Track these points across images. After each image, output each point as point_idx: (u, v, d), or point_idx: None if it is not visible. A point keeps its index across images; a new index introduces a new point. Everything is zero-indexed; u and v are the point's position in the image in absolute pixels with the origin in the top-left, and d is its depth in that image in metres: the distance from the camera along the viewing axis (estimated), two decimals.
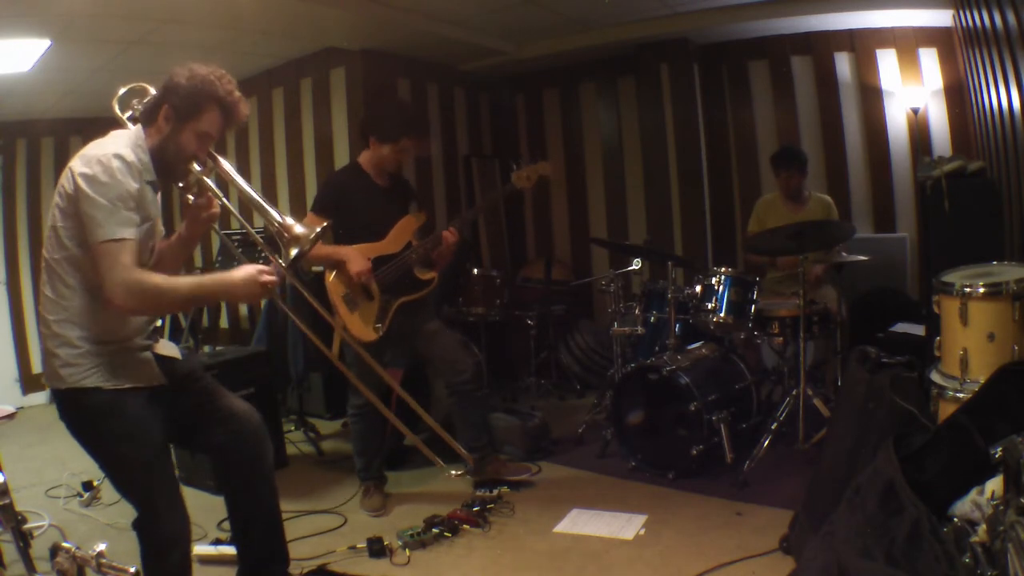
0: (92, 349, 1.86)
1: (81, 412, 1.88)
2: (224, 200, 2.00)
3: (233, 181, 1.97)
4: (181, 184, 1.99)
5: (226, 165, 2.00)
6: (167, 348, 2.10)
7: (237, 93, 1.93)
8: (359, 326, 3.13)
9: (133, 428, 1.88)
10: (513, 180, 3.36)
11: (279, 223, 1.91)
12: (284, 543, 2.26)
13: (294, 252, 1.89)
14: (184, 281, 1.88)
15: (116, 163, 1.75)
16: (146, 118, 1.92)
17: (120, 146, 1.81)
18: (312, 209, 3.21)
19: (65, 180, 1.79)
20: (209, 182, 1.96)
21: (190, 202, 1.99)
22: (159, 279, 1.81)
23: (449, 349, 3.30)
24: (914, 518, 1.60)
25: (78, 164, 1.77)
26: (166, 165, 1.92)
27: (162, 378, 1.98)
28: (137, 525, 1.92)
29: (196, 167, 1.93)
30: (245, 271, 1.89)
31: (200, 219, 2.02)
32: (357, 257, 3.09)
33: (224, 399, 2.13)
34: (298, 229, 1.91)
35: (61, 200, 1.80)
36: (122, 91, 1.98)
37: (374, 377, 3.28)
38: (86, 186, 1.73)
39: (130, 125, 1.95)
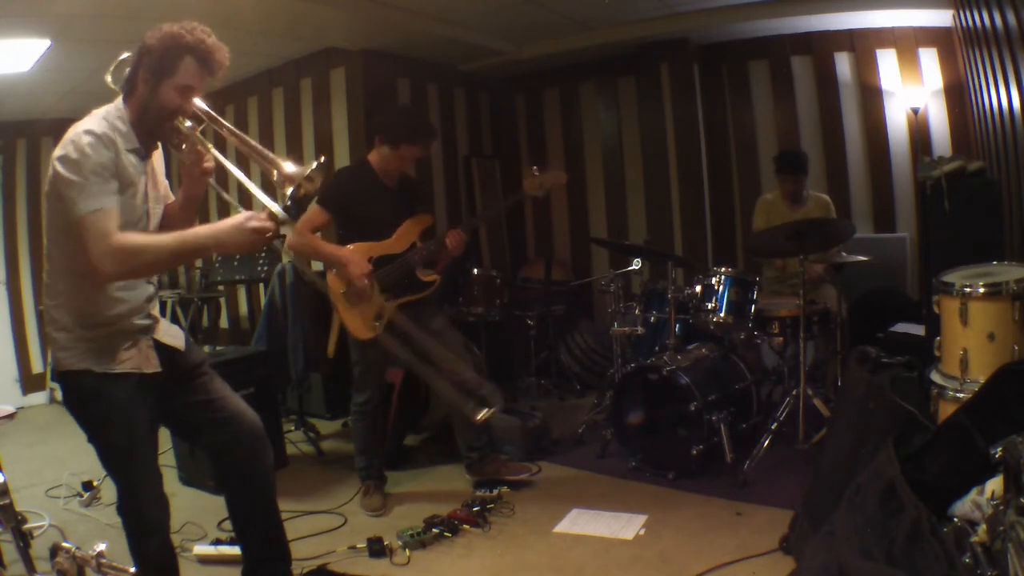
0: (83, 333, 1.88)
1: (72, 393, 1.93)
2: (215, 152, 1.97)
3: (223, 128, 1.95)
4: (174, 144, 1.97)
5: (217, 118, 1.97)
6: (170, 336, 2.09)
7: (211, 40, 1.89)
8: (357, 323, 3.13)
9: (116, 413, 1.90)
10: (525, 188, 3.34)
11: (270, 162, 1.86)
12: (285, 542, 2.26)
13: (289, 191, 1.85)
14: (168, 236, 1.86)
15: (86, 138, 1.77)
16: (127, 88, 1.93)
17: (90, 122, 1.83)
18: (317, 201, 3.22)
19: (49, 167, 1.82)
20: (200, 135, 1.94)
21: (184, 157, 1.99)
22: (140, 238, 1.81)
23: (451, 349, 3.30)
24: (914, 518, 1.60)
25: (57, 149, 1.80)
26: (151, 126, 1.92)
27: (157, 366, 1.98)
28: (118, 507, 1.97)
29: (185, 123, 1.91)
30: (234, 218, 1.85)
31: (195, 176, 2.01)
32: (357, 260, 3.09)
33: (224, 398, 2.12)
34: (289, 168, 1.85)
35: (48, 187, 1.83)
36: (114, 64, 1.98)
37: (375, 378, 3.29)
38: (61, 167, 1.76)
39: None
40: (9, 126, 5.50)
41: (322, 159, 1.94)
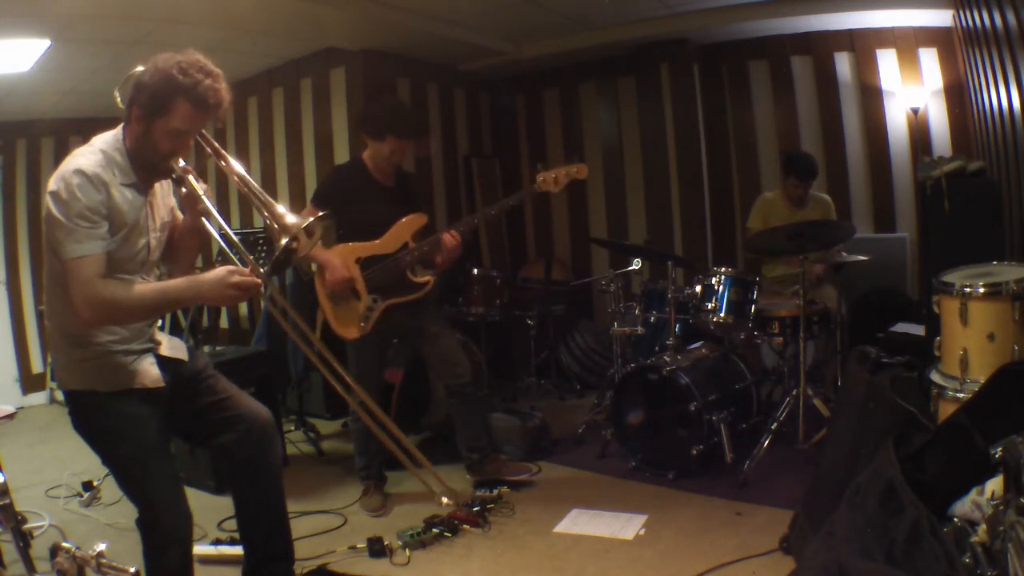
0: (79, 353, 1.88)
1: (79, 411, 1.92)
2: (206, 200, 1.93)
3: (231, 170, 1.92)
4: (172, 180, 1.96)
5: (230, 157, 1.95)
6: (173, 349, 2.09)
7: (207, 81, 1.79)
8: (341, 323, 3.14)
9: (126, 427, 1.89)
10: (538, 183, 3.15)
11: (270, 212, 1.85)
12: (290, 541, 2.26)
13: (284, 242, 1.82)
14: (148, 289, 1.85)
15: (76, 179, 1.73)
16: (126, 117, 1.88)
17: (85, 159, 1.78)
18: (312, 200, 3.23)
19: (46, 194, 1.79)
20: (192, 180, 1.90)
21: (182, 194, 1.97)
22: (119, 291, 1.78)
23: (449, 351, 3.30)
24: (914, 518, 1.60)
25: (51, 181, 1.77)
26: (146, 165, 1.89)
27: (160, 380, 1.97)
28: (139, 522, 1.94)
29: (180, 163, 1.88)
30: (215, 273, 1.82)
31: (196, 210, 1.99)
32: (336, 265, 3.09)
33: (232, 398, 2.12)
34: (289, 219, 1.83)
35: (44, 212, 1.80)
36: (123, 80, 1.92)
37: (372, 379, 3.29)
38: (51, 204, 1.74)
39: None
40: (9, 126, 5.49)
41: (321, 215, 1.92)
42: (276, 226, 1.84)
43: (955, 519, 1.65)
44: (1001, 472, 1.52)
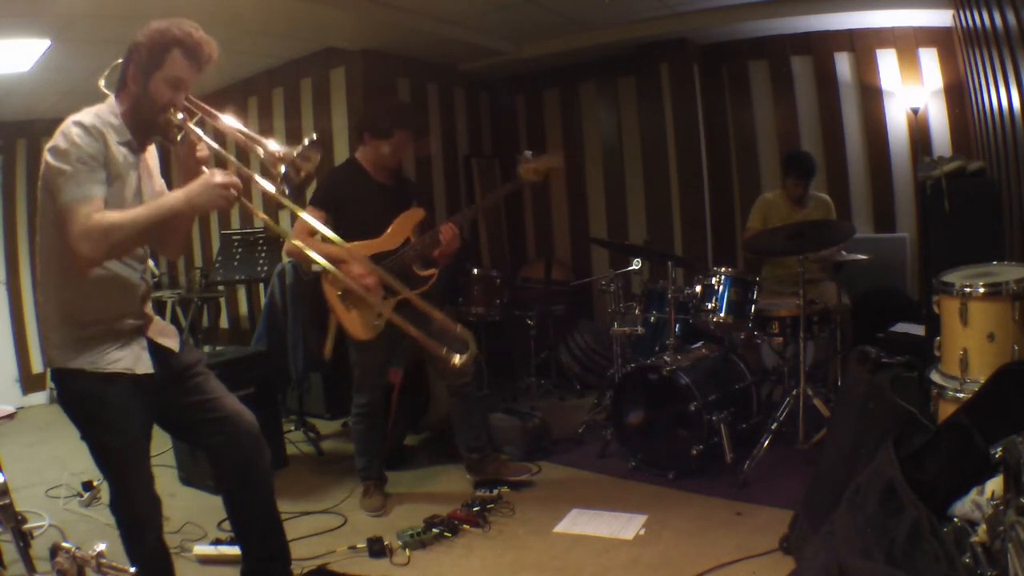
0: (73, 331, 1.89)
1: (67, 392, 1.94)
2: (207, 140, 1.97)
3: (215, 119, 1.97)
4: (169, 138, 1.99)
5: (220, 115, 1.99)
6: (165, 336, 2.09)
7: (198, 33, 1.91)
8: (357, 325, 3.11)
9: (112, 416, 1.91)
10: (521, 173, 3.26)
11: (263, 147, 1.90)
12: (284, 542, 2.27)
13: (282, 169, 1.88)
14: (141, 207, 1.87)
15: (74, 129, 1.80)
16: (118, 86, 1.95)
17: (81, 115, 1.85)
18: (310, 202, 3.20)
19: (42, 160, 1.84)
20: (192, 126, 1.95)
21: (176, 149, 1.99)
22: (114, 216, 1.80)
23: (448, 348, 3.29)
24: (914, 518, 1.60)
25: (50, 142, 1.83)
26: (144, 121, 1.94)
27: (150, 367, 1.98)
28: (112, 506, 1.99)
29: (177, 116, 1.93)
30: (201, 178, 1.87)
31: (190, 166, 2.00)
32: (356, 259, 3.05)
33: (220, 398, 2.12)
34: (273, 146, 1.90)
35: (40, 180, 1.85)
36: (108, 70, 2.00)
37: (374, 379, 3.28)
38: (51, 157, 1.79)
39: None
40: (9, 126, 5.50)
41: (314, 136, 1.96)
42: (265, 154, 1.90)
43: (955, 519, 1.65)
44: (1001, 472, 1.52)
